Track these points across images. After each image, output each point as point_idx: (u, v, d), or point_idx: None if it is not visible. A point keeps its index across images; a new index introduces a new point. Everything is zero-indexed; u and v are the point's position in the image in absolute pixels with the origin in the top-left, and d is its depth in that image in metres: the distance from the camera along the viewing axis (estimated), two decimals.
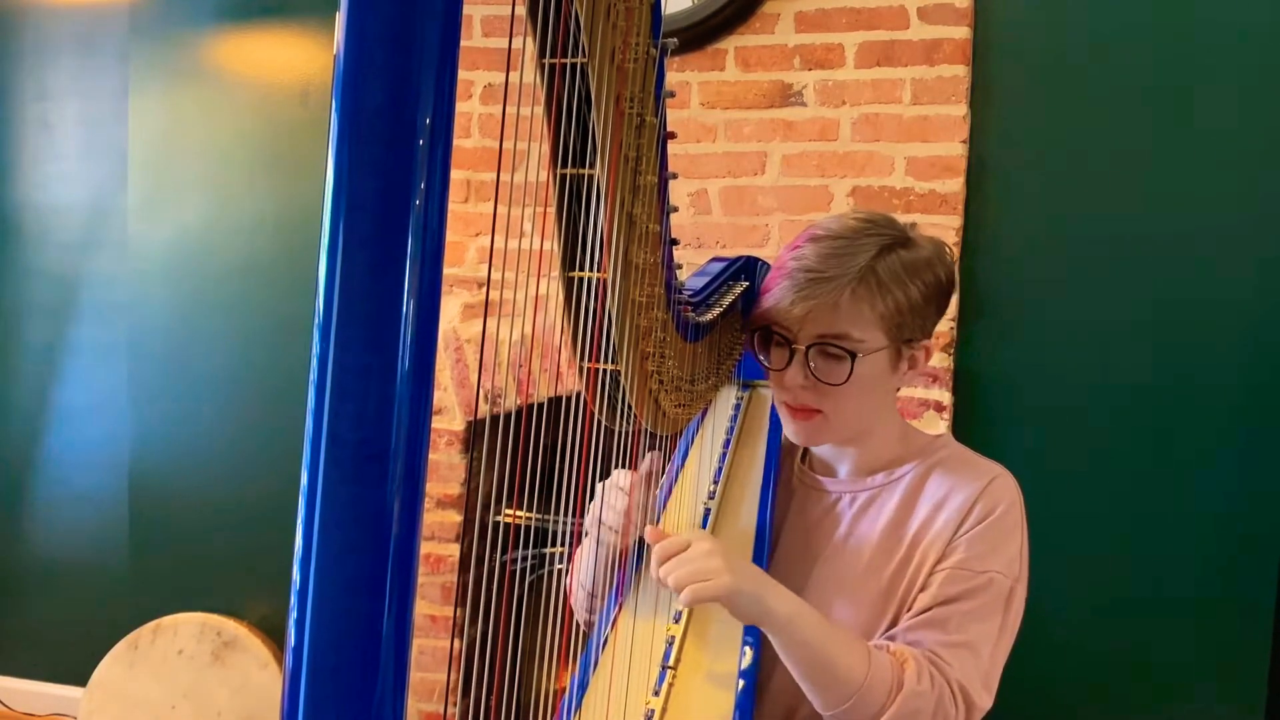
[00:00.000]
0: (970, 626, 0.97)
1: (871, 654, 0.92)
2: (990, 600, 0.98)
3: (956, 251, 2.03)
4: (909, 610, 1.00)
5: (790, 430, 1.08)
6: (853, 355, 0.99)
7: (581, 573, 1.14)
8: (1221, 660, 2.00)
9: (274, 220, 2.55)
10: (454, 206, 2.29)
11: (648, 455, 1.07)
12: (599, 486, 1.06)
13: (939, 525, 1.02)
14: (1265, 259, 1.95)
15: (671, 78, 2.15)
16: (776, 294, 1.01)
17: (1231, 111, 1.96)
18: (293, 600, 0.43)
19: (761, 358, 1.07)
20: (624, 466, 1.06)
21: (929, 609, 0.98)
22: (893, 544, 1.04)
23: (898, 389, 1.12)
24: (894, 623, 1.01)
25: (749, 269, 1.16)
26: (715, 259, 1.13)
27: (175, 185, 2.62)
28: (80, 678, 2.62)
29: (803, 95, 2.11)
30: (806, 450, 1.16)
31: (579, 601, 1.15)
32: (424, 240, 0.42)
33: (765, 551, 1.06)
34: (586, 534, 1.10)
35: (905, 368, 1.05)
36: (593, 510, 1.06)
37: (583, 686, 0.98)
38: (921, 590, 1.00)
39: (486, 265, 2.12)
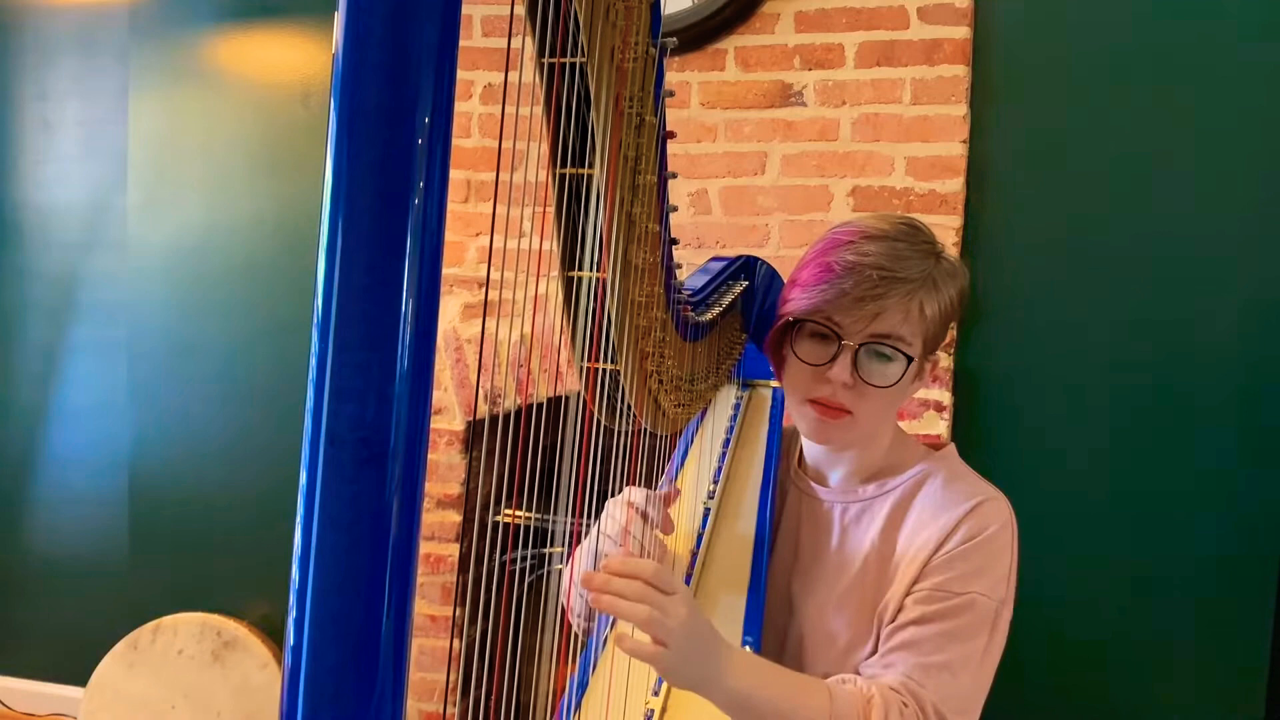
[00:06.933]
0: (949, 647, 0.93)
1: (834, 703, 0.87)
2: (972, 621, 0.94)
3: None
4: (888, 626, 0.98)
5: (810, 427, 1.04)
6: (909, 359, 0.99)
7: (579, 579, 1.13)
8: (1221, 660, 1.99)
9: (274, 220, 2.55)
10: (454, 206, 2.29)
11: (675, 493, 1.05)
12: (609, 501, 1.04)
13: (920, 542, 0.99)
14: (1265, 259, 1.95)
15: (671, 78, 2.15)
16: (835, 288, 0.97)
17: (1232, 112, 1.96)
18: (292, 600, 0.43)
19: (794, 350, 1.02)
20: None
21: (905, 629, 0.95)
22: (880, 557, 1.03)
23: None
24: (877, 638, 0.99)
25: (749, 268, 1.16)
26: (715, 258, 1.13)
27: (175, 185, 2.62)
28: (80, 678, 2.62)
29: (803, 95, 2.11)
30: (801, 453, 1.16)
31: (577, 608, 1.14)
32: (423, 239, 0.42)
33: (765, 555, 1.06)
34: (585, 539, 1.10)
35: (918, 381, 1.05)
36: (600, 522, 1.04)
37: (582, 686, 0.98)
38: (900, 608, 0.97)
39: (486, 265, 2.11)
